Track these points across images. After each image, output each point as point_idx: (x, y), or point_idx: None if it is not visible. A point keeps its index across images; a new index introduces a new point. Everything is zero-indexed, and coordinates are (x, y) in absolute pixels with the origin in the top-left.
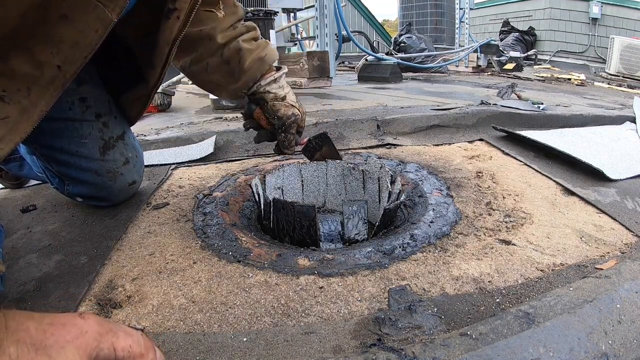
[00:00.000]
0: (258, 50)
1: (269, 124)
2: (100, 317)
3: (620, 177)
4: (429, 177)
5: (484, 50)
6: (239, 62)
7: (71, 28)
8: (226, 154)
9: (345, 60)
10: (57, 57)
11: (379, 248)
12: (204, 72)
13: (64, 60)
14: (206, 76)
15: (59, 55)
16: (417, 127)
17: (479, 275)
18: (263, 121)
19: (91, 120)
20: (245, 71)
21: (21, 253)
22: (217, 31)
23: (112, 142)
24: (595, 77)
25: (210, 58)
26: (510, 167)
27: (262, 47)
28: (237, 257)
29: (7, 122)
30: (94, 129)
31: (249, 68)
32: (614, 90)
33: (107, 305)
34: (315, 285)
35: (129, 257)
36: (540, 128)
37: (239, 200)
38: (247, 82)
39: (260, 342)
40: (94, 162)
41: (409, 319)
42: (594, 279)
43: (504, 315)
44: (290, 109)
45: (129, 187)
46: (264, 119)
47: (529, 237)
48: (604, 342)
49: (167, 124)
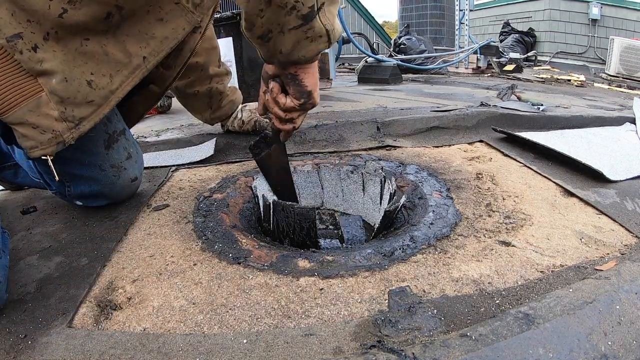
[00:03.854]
0: (231, 96)
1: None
2: None
3: (620, 178)
4: (428, 179)
5: (483, 52)
6: (218, 101)
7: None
8: (226, 156)
9: (345, 62)
10: (144, 49)
11: (379, 250)
12: (193, 96)
13: (150, 52)
14: (193, 101)
15: (147, 48)
16: (417, 129)
17: (479, 277)
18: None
19: None
20: (222, 108)
21: (22, 254)
22: (209, 64)
23: (116, 136)
24: (595, 78)
25: (200, 87)
26: (510, 169)
27: (233, 92)
28: (238, 258)
29: (92, 104)
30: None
31: (224, 106)
32: (613, 91)
33: (107, 306)
34: (316, 287)
35: (129, 259)
36: (540, 129)
37: (239, 201)
38: (221, 117)
39: (261, 343)
40: (98, 156)
41: (409, 320)
42: (593, 280)
43: (503, 316)
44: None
45: (132, 183)
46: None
47: (528, 238)
48: (603, 343)
49: (167, 125)
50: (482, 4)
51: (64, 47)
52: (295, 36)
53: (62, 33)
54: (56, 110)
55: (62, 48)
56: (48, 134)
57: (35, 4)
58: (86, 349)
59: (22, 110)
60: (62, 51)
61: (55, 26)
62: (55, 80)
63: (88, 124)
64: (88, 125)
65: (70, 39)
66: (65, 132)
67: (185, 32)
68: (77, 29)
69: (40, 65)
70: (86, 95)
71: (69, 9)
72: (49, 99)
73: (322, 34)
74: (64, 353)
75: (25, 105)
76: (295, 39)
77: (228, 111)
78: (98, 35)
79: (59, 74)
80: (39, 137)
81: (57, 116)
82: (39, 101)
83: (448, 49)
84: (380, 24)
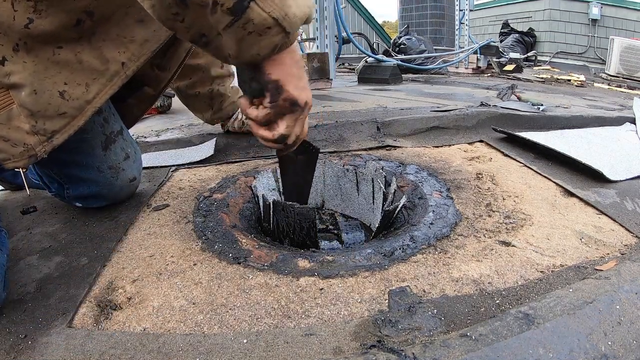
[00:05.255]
0: (232, 97)
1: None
2: None
3: (620, 178)
4: (428, 179)
5: (483, 52)
6: (220, 102)
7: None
8: (226, 156)
9: (345, 62)
10: (123, 55)
11: (379, 250)
12: (194, 97)
13: (129, 57)
14: (195, 101)
15: (126, 53)
16: (417, 129)
17: (479, 277)
18: None
19: (92, 116)
20: (223, 109)
21: (21, 254)
22: (210, 66)
23: (113, 137)
24: (595, 78)
25: (202, 88)
26: (510, 169)
27: (235, 93)
28: (238, 258)
29: (65, 117)
30: (96, 124)
31: (225, 107)
32: (613, 91)
33: (107, 306)
34: (316, 287)
35: (129, 259)
36: (540, 129)
37: (239, 201)
38: (222, 117)
39: (261, 343)
40: (95, 158)
41: (409, 320)
42: (593, 280)
43: (503, 316)
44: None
45: (130, 183)
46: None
47: (528, 238)
48: (603, 343)
49: (167, 125)
50: (482, 4)
51: (34, 58)
52: (234, 35)
53: (32, 43)
54: (27, 123)
55: (33, 58)
56: (19, 147)
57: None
58: (86, 349)
59: None
60: (33, 62)
61: (23, 37)
62: (24, 93)
63: (61, 137)
64: (62, 138)
65: (40, 48)
66: (37, 146)
67: (168, 33)
68: (46, 38)
69: (7, 79)
70: (57, 108)
71: (34, 18)
72: (19, 111)
73: (269, 24)
74: (64, 353)
75: None
76: (236, 37)
77: (229, 112)
78: (71, 43)
79: (27, 87)
80: (10, 150)
81: (28, 129)
82: (10, 114)
83: (448, 49)
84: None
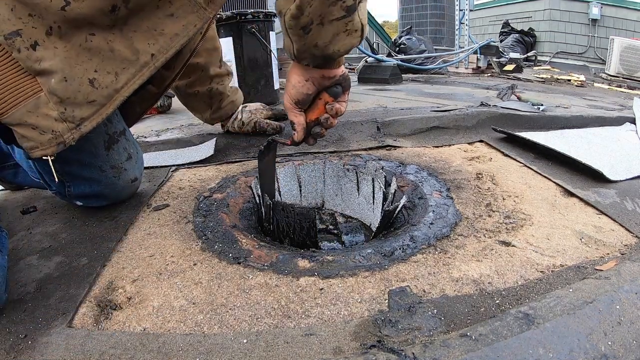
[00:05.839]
0: (231, 96)
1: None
2: None
3: (620, 178)
4: (428, 179)
5: (483, 52)
6: (219, 101)
7: (175, 24)
8: (226, 156)
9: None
10: (153, 47)
11: (379, 250)
12: (193, 96)
13: (159, 50)
14: (193, 101)
15: (155, 45)
16: (417, 129)
17: (479, 277)
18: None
19: None
20: (222, 108)
21: (21, 254)
22: (209, 65)
23: (116, 137)
24: (595, 78)
25: (201, 87)
26: (510, 169)
27: (234, 93)
28: (238, 258)
29: (94, 104)
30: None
31: (224, 106)
32: (613, 91)
33: (107, 306)
34: (316, 287)
35: (129, 259)
36: (540, 129)
37: (239, 201)
38: (221, 117)
39: (261, 343)
40: (98, 157)
41: (409, 320)
42: (593, 280)
43: (503, 316)
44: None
45: (132, 183)
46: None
47: (528, 238)
48: (603, 343)
49: (167, 125)
50: (482, 4)
51: (67, 43)
52: (335, 28)
53: (66, 27)
54: (56, 110)
55: (65, 44)
56: (48, 134)
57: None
58: (86, 349)
59: (21, 111)
60: (65, 47)
61: (58, 20)
62: (55, 80)
63: (90, 125)
64: (90, 125)
65: (74, 33)
66: (65, 133)
67: (197, 28)
68: (81, 23)
69: (38, 65)
70: (87, 95)
71: (71, 1)
72: (48, 99)
73: (358, 28)
74: (64, 353)
75: (24, 105)
76: (335, 31)
77: (228, 112)
78: (104, 31)
79: (58, 73)
80: (38, 137)
81: (56, 116)
82: (38, 101)
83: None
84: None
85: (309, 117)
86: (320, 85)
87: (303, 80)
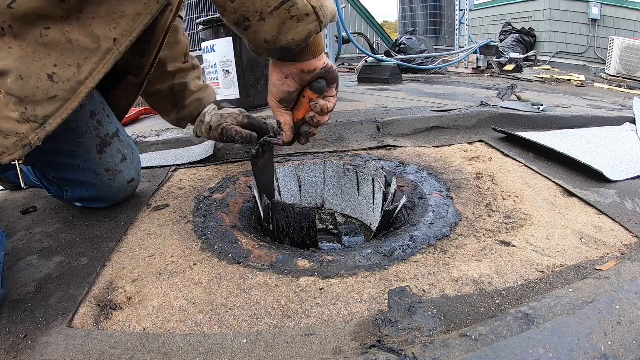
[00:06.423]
0: (197, 93)
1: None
2: None
3: (620, 178)
4: (428, 179)
5: (483, 52)
6: (182, 98)
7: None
8: (226, 156)
9: (345, 62)
10: (114, 31)
11: (378, 250)
12: (155, 96)
13: (121, 33)
14: (157, 100)
15: (117, 29)
16: (417, 129)
17: (479, 277)
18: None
19: (86, 119)
20: (185, 107)
21: (22, 254)
22: (170, 60)
23: (109, 140)
24: (595, 78)
25: (162, 85)
26: (510, 169)
27: (202, 89)
28: (238, 258)
29: (56, 100)
30: (90, 128)
31: (188, 105)
32: (613, 91)
33: (107, 306)
34: (316, 287)
35: (129, 259)
36: (540, 129)
37: (239, 201)
38: (186, 117)
39: (261, 343)
40: (91, 161)
41: (409, 320)
42: (593, 280)
43: (503, 316)
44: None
45: (128, 185)
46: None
47: (528, 238)
48: (603, 343)
49: (167, 125)
50: (482, 4)
51: (22, 42)
52: (278, 18)
53: (17, 26)
54: (16, 111)
55: (21, 43)
56: (12, 137)
57: None
58: (86, 349)
59: None
60: (20, 46)
61: (8, 19)
62: (10, 80)
63: (55, 122)
64: (55, 123)
65: (28, 30)
66: (30, 134)
67: (160, 5)
68: (32, 19)
69: None
70: (47, 91)
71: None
72: (7, 100)
73: (309, 11)
74: (64, 353)
75: None
76: (279, 20)
77: (194, 111)
78: (59, 23)
79: (13, 72)
80: (3, 142)
81: (18, 118)
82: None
83: (448, 49)
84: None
85: (295, 116)
86: (302, 81)
87: (283, 78)
